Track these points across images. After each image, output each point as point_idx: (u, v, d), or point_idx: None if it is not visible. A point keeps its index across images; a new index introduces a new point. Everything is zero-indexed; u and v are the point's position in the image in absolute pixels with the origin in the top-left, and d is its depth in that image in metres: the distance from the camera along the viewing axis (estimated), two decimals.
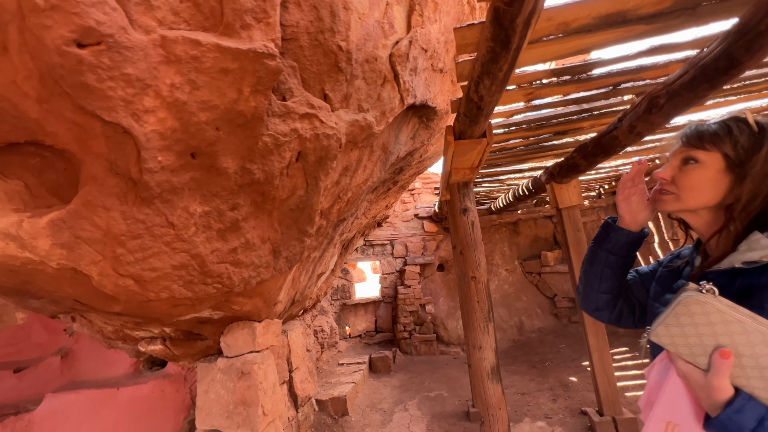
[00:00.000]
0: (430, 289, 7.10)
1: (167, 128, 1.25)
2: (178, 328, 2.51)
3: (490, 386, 3.28)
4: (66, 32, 0.93)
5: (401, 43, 1.95)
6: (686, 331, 0.65)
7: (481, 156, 3.10)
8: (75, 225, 1.21)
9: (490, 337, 3.34)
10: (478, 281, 3.43)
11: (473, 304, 3.41)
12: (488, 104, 2.23)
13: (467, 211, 3.51)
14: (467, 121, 2.50)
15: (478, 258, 3.44)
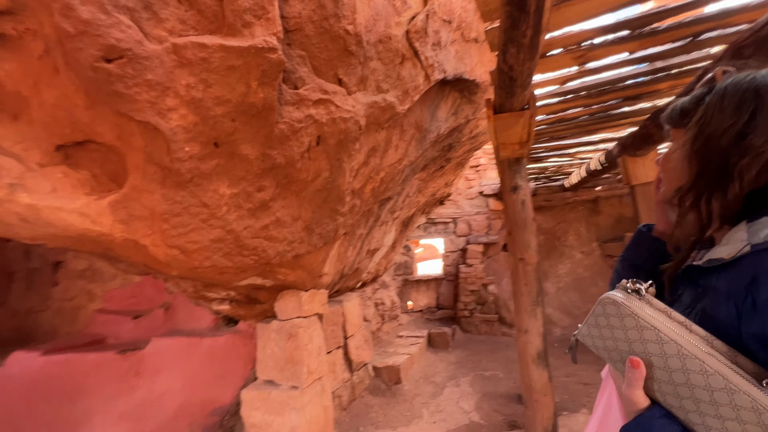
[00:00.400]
0: (494, 269, 6.86)
1: (189, 123, 1.47)
2: (240, 292, 2.92)
3: (535, 371, 3.16)
4: (94, 51, 1.16)
5: (417, 19, 1.89)
6: (603, 333, 0.58)
7: (528, 129, 2.87)
8: (128, 205, 1.53)
9: (537, 322, 3.18)
10: (526, 263, 3.25)
11: (520, 287, 3.26)
12: (520, 74, 2.06)
13: (517, 189, 3.31)
14: (503, 93, 2.34)
15: (528, 239, 3.24)
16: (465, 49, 2.45)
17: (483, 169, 7.30)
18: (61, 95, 1.25)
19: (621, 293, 0.57)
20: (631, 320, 0.54)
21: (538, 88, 2.70)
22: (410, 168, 3.34)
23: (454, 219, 7.34)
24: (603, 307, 0.58)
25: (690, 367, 0.48)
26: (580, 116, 3.25)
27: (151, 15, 1.23)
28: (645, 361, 0.52)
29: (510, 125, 2.79)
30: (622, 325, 0.55)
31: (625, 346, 0.55)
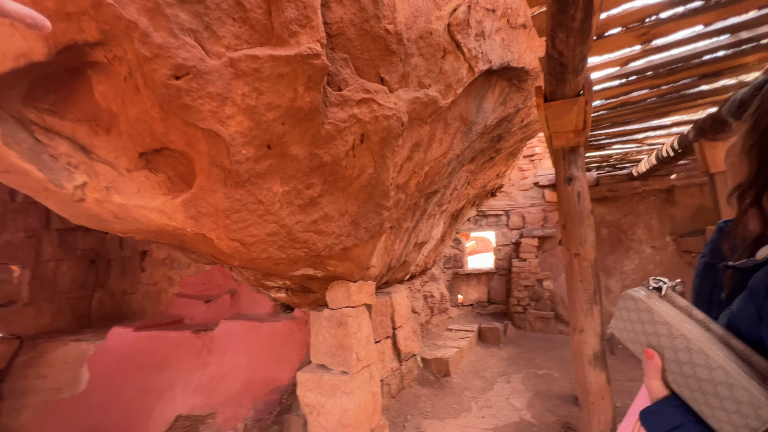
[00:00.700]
0: (550, 264, 6.52)
1: (245, 128, 1.62)
2: (294, 282, 3.14)
3: (592, 373, 3.00)
4: (166, 70, 1.33)
5: (459, 11, 1.87)
6: (627, 326, 0.62)
7: (584, 116, 2.69)
8: (196, 203, 1.73)
9: (594, 321, 3.01)
10: (582, 258, 3.08)
11: (575, 283, 3.10)
12: (572, 59, 1.95)
13: (573, 180, 3.13)
14: (553, 80, 2.23)
15: (584, 233, 3.06)
16: (512, 36, 2.36)
17: (538, 159, 6.93)
18: (141, 110, 1.46)
19: (642, 290, 0.60)
20: (647, 315, 0.57)
21: (595, 71, 2.51)
22: (457, 161, 3.30)
23: (507, 211, 7.08)
24: (624, 302, 0.62)
25: (696, 361, 0.50)
26: (647, 98, 2.96)
27: (210, 34, 1.37)
28: (660, 354, 0.55)
29: (563, 113, 2.63)
30: (639, 319, 0.59)
31: (644, 339, 0.59)
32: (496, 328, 6.01)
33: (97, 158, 1.59)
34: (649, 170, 4.92)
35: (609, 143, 4.37)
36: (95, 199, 1.62)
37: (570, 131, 2.96)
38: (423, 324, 6.11)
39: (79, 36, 1.20)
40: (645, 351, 0.56)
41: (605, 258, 6.14)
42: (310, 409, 3.03)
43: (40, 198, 1.70)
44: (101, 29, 1.20)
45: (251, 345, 3.70)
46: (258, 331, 3.77)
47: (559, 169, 3.24)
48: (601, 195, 6.08)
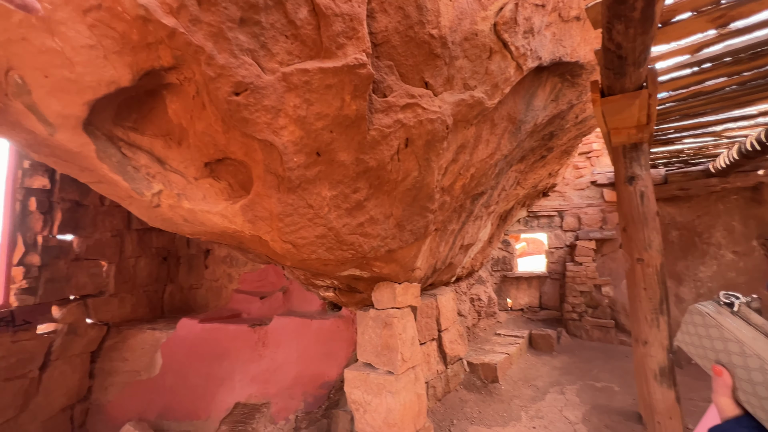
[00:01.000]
0: (610, 269, 6.07)
1: (297, 137, 1.72)
2: (342, 282, 3.25)
3: (658, 390, 2.76)
4: (227, 88, 1.46)
5: (505, 9, 1.82)
6: (694, 340, 0.61)
7: (648, 111, 2.49)
8: (253, 208, 1.87)
9: (660, 333, 2.77)
10: (646, 264, 2.85)
11: (638, 291, 2.88)
12: (632, 51, 1.82)
13: (635, 179, 2.91)
14: (611, 73, 2.10)
15: (648, 236, 2.83)
16: (564, 30, 2.24)
17: (596, 156, 6.47)
18: (207, 124, 1.62)
19: (711, 305, 0.58)
20: (716, 331, 0.56)
21: (660, 61, 2.30)
22: (504, 161, 3.21)
23: (560, 212, 6.70)
24: (691, 316, 0.60)
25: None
26: (725, 87, 2.66)
27: (266, 52, 1.48)
28: (730, 372, 0.53)
29: (622, 108, 2.45)
30: (708, 334, 0.57)
31: (712, 355, 0.57)
32: (549, 335, 5.71)
33: (170, 168, 1.78)
34: (729, 166, 4.39)
35: (679, 137, 3.97)
36: (168, 204, 1.82)
37: (631, 127, 2.74)
38: (469, 327, 5.98)
39: (156, 62, 1.36)
40: (713, 367, 0.55)
41: (675, 264, 5.57)
42: (356, 406, 3.12)
43: (125, 204, 1.95)
44: (174, 55, 1.35)
45: (301, 340, 3.89)
46: (308, 328, 3.95)
47: (619, 168, 3.02)
48: (670, 194, 5.53)
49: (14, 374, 3.44)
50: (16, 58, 1.21)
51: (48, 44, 1.18)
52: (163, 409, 4.00)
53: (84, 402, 4.11)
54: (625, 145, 2.92)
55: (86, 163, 1.58)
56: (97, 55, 1.25)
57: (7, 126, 1.43)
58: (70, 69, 1.24)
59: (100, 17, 1.17)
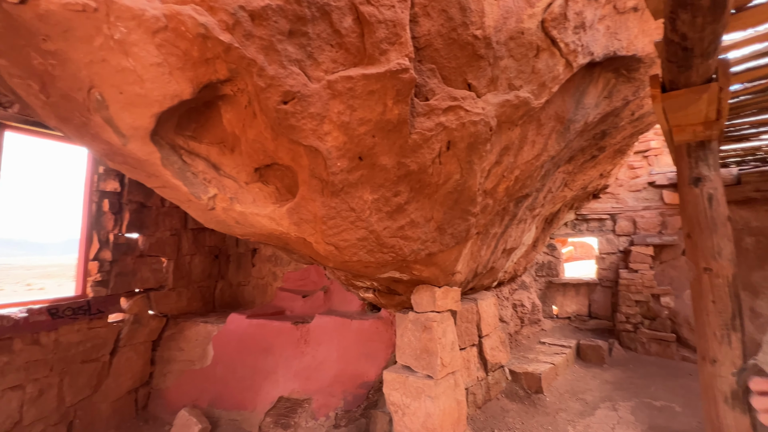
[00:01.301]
0: (670, 277, 5.57)
1: (340, 143, 1.77)
2: (381, 284, 3.28)
3: (729, 414, 2.49)
4: (276, 98, 1.54)
5: (554, 5, 1.74)
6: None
7: (718, 105, 2.26)
8: (299, 211, 1.95)
9: (732, 351, 2.49)
10: (714, 275, 2.59)
11: (705, 304, 2.62)
12: (699, 42, 1.67)
13: (701, 180, 2.66)
14: (674, 66, 1.94)
15: (717, 244, 2.58)
16: (619, 22, 2.10)
17: (654, 155, 5.99)
18: (257, 132, 1.71)
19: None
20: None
21: (734, 50, 2.08)
22: (551, 162, 3.06)
23: (613, 215, 6.27)
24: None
25: None
26: None
27: (312, 61, 1.54)
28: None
29: (686, 103, 2.25)
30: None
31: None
32: (599, 346, 5.36)
33: (224, 174, 1.91)
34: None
35: (755, 133, 3.56)
36: (222, 207, 1.95)
37: (697, 123, 2.50)
38: (512, 334, 5.77)
39: (213, 76, 1.47)
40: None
41: (750, 274, 5.00)
42: (395, 408, 3.12)
43: (184, 207, 2.11)
44: (229, 68, 1.44)
45: (342, 340, 3.97)
46: (348, 328, 4.03)
47: (682, 168, 2.77)
48: (743, 196, 4.97)
49: (90, 357, 3.84)
50: (97, 77, 1.36)
51: (123, 64, 1.31)
52: (214, 397, 4.26)
53: (146, 386, 4.50)
54: (689, 143, 2.68)
55: (152, 169, 1.74)
56: (163, 72, 1.37)
57: (89, 137, 1.61)
58: (140, 85, 1.38)
59: (166, 37, 1.28)
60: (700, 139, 2.64)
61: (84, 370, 3.80)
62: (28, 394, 3.35)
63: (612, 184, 6.26)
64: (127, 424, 4.18)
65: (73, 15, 1.18)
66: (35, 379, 3.41)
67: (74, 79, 1.37)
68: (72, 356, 3.68)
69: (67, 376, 3.65)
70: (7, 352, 3.21)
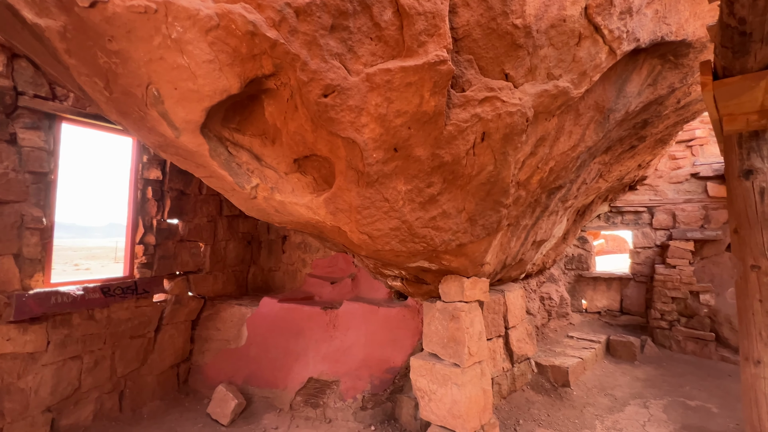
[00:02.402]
0: (711, 274, 5.32)
1: (377, 134, 1.81)
2: (410, 273, 3.34)
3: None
4: (317, 91, 1.59)
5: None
6: None
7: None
8: (335, 201, 2.02)
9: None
10: (763, 273, 2.46)
11: (751, 302, 2.50)
12: (759, 26, 1.59)
13: (753, 173, 2.52)
14: (729, 52, 1.83)
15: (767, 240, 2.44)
16: (669, 5, 1.99)
17: (699, 144, 5.65)
18: (298, 125, 1.78)
19: None
20: None
21: None
22: (588, 153, 2.98)
23: (650, 208, 6.00)
24: None
25: None
26: None
27: (352, 55, 1.58)
28: None
29: (741, 91, 2.12)
30: None
31: None
32: (631, 343, 5.23)
33: (266, 164, 2.00)
34: None
35: None
36: (263, 197, 2.05)
37: (752, 112, 2.36)
38: (538, 327, 5.71)
39: (259, 71, 1.53)
40: None
41: None
42: (421, 394, 3.21)
43: (227, 195, 2.23)
44: (274, 63, 1.51)
45: (369, 326, 4.08)
46: (375, 314, 4.13)
47: (731, 159, 2.63)
48: None
49: (137, 333, 4.16)
50: (154, 74, 1.46)
51: (178, 61, 1.40)
52: (249, 375, 4.51)
53: (186, 362, 4.81)
54: (741, 133, 2.53)
55: (201, 160, 1.85)
56: (214, 68, 1.45)
57: (146, 131, 1.73)
58: (193, 81, 1.46)
59: (218, 35, 1.36)
60: (753, 129, 2.49)
61: (132, 345, 4.11)
62: (85, 364, 3.68)
63: (651, 176, 5.97)
64: (170, 395, 4.51)
65: (135, 17, 1.27)
66: (91, 351, 3.74)
67: (134, 76, 1.48)
68: (122, 332, 4.00)
69: (118, 350, 3.97)
70: (67, 325, 3.53)
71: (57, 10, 1.30)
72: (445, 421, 3.01)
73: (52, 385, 3.39)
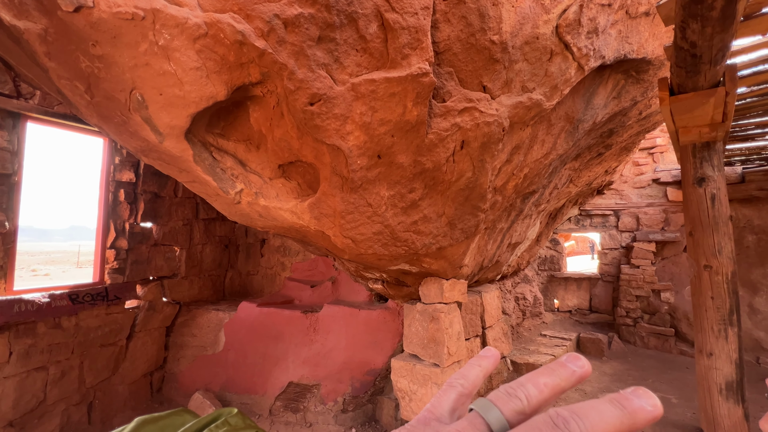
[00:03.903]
0: (671, 273, 5.68)
1: (361, 142, 1.86)
2: (391, 275, 3.40)
3: (723, 405, 2.62)
4: (304, 99, 1.63)
5: (569, 12, 1.81)
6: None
7: (724, 108, 2.34)
8: (319, 206, 2.05)
9: (728, 345, 2.62)
10: (714, 272, 2.70)
11: (704, 300, 2.74)
12: (708, 50, 1.75)
13: (705, 180, 2.75)
14: (682, 72, 2.01)
15: (718, 242, 2.68)
16: (631, 26, 2.16)
17: (659, 152, 6.04)
18: (284, 131, 1.80)
19: None
20: None
21: (741, 54, 2.15)
22: (559, 160, 3.15)
23: (616, 211, 6.35)
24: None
25: None
26: None
27: (338, 65, 1.62)
28: None
29: (693, 106, 2.33)
30: None
31: None
32: (599, 340, 5.50)
33: (250, 170, 2.01)
34: None
35: (761, 134, 3.63)
36: (247, 202, 2.05)
37: (704, 125, 2.58)
38: (513, 326, 5.91)
39: (246, 79, 1.55)
40: None
41: (750, 271, 5.10)
42: (402, 394, 3.27)
43: (211, 201, 2.22)
44: (262, 72, 1.53)
45: (350, 329, 4.11)
46: (356, 317, 4.16)
47: (687, 168, 2.86)
48: (747, 194, 5.05)
49: (108, 341, 4.00)
50: (139, 80, 1.45)
51: (165, 68, 1.40)
52: (226, 381, 4.43)
53: (160, 370, 4.67)
54: (695, 143, 2.76)
55: (185, 165, 1.83)
56: (201, 75, 1.46)
57: (127, 135, 1.71)
58: (179, 87, 1.47)
59: (206, 43, 1.37)
60: (705, 140, 2.73)
61: (102, 354, 3.95)
62: (51, 375, 3.51)
63: (616, 181, 6.32)
64: (143, 405, 4.35)
65: (122, 23, 1.26)
66: (57, 361, 3.57)
67: (118, 81, 1.46)
68: (91, 340, 3.84)
69: (87, 359, 3.81)
70: (31, 334, 3.36)
71: (38, 13, 1.28)
72: None
73: (15, 399, 3.21)
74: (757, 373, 4.56)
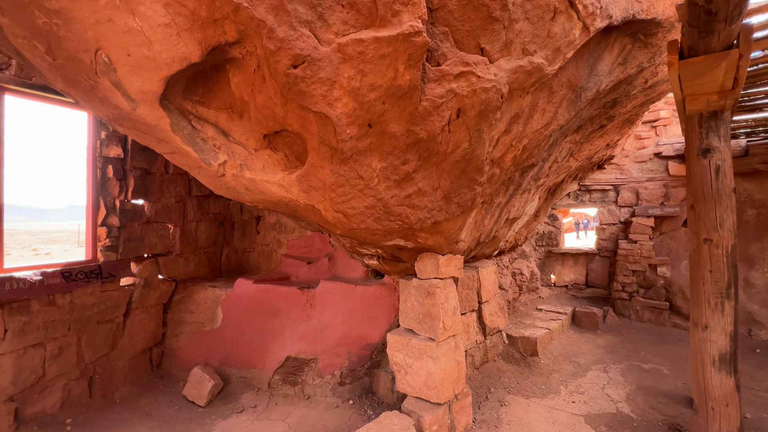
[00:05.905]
0: (668, 248, 5.67)
1: (350, 109, 1.75)
2: (386, 251, 3.35)
3: (715, 376, 2.64)
4: (286, 61, 1.50)
5: None
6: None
7: (735, 74, 2.21)
8: (308, 178, 1.96)
9: (723, 318, 2.61)
10: (714, 245, 2.65)
11: (702, 273, 2.70)
12: (724, 5, 1.61)
13: (710, 151, 2.66)
14: (695, 32, 1.88)
15: (720, 215, 2.62)
16: None
17: (663, 125, 5.88)
18: (266, 97, 1.69)
19: None
20: None
21: (756, 14, 2.00)
22: (560, 131, 3.03)
23: (615, 186, 6.26)
24: None
25: None
26: None
27: (323, 23, 1.49)
28: None
29: (704, 71, 2.20)
30: None
31: None
32: (594, 313, 5.55)
33: (233, 140, 1.90)
34: None
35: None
36: (232, 174, 1.96)
37: (712, 92, 2.46)
38: (510, 301, 5.96)
39: (222, 38, 1.43)
40: None
41: (748, 245, 5.08)
42: (398, 367, 3.29)
43: (194, 173, 2.12)
44: (238, 29, 1.40)
45: (346, 304, 4.11)
46: (352, 293, 4.15)
47: (692, 139, 2.75)
48: (750, 168, 4.95)
49: (105, 318, 4.00)
50: (103, 38, 1.32)
51: (130, 24, 1.28)
52: (225, 357, 4.48)
53: (159, 346, 4.71)
54: (702, 113, 2.64)
55: (162, 135, 1.73)
56: (171, 33, 1.33)
57: (97, 102, 1.59)
58: (148, 47, 1.35)
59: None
60: (713, 109, 2.61)
61: (100, 330, 3.96)
62: (48, 352, 3.52)
63: (618, 155, 6.20)
64: (144, 379, 4.42)
65: None
66: (54, 338, 3.57)
67: (80, 40, 1.34)
68: (88, 317, 3.83)
69: (84, 336, 3.82)
70: (25, 312, 3.34)
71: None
72: (421, 393, 3.11)
73: (13, 374, 3.23)
74: (749, 344, 4.62)
